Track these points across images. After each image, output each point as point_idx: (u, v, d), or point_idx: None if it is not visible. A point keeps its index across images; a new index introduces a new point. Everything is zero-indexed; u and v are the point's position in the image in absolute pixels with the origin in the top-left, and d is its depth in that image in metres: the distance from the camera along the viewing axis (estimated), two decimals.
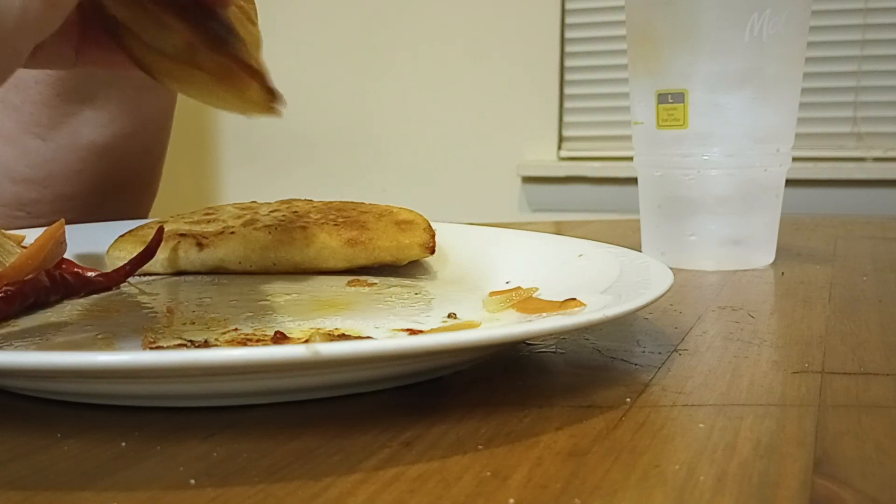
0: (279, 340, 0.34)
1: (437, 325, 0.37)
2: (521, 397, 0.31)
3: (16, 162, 0.62)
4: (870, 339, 0.39)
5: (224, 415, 0.29)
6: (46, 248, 0.42)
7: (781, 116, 0.57)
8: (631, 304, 0.33)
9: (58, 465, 0.26)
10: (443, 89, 2.12)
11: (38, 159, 0.62)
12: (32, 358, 0.26)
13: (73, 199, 0.63)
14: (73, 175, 0.62)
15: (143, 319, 0.40)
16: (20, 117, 0.61)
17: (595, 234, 0.61)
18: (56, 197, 0.63)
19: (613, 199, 1.96)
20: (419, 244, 0.49)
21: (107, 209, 0.64)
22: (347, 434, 0.28)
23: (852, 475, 0.25)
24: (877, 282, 0.53)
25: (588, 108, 2.06)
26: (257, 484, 0.24)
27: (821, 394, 0.32)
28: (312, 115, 2.17)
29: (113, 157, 0.63)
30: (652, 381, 0.33)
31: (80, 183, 0.63)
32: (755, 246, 0.58)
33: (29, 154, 0.62)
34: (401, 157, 2.16)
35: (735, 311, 0.45)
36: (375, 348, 0.26)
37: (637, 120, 0.59)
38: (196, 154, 2.25)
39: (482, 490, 0.24)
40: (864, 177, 1.87)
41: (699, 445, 0.27)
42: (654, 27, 0.56)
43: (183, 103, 0.65)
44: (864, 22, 1.86)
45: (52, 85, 0.59)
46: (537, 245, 0.49)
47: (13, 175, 0.62)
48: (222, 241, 0.50)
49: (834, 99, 1.88)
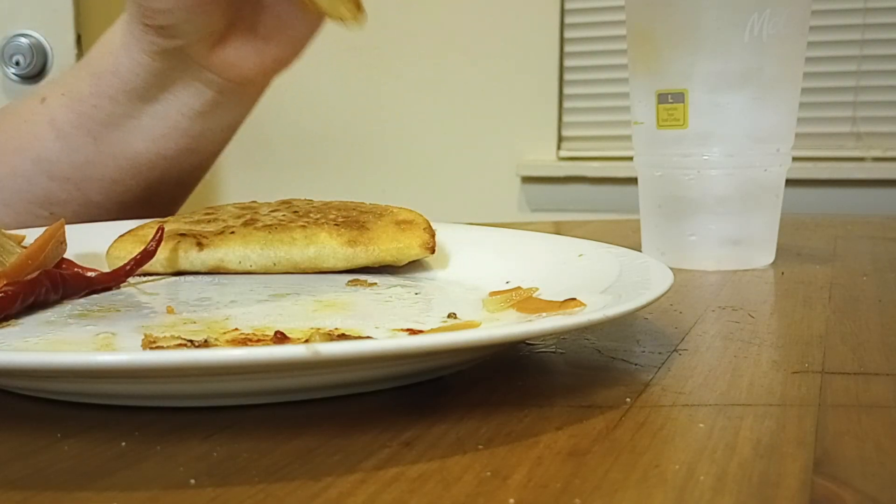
0: (279, 340, 0.34)
1: (437, 325, 0.37)
2: (521, 397, 0.31)
3: (60, 158, 0.62)
4: (870, 339, 0.39)
5: (224, 415, 0.29)
6: (46, 248, 0.42)
7: (781, 116, 0.57)
8: (631, 304, 0.33)
9: (58, 465, 0.26)
10: (442, 89, 2.11)
11: (83, 159, 0.62)
12: (32, 358, 0.26)
13: (99, 208, 0.64)
14: (108, 183, 0.63)
15: (143, 319, 0.40)
16: (82, 109, 0.61)
17: (595, 234, 0.61)
18: (85, 201, 0.63)
19: (613, 199, 1.96)
20: (419, 244, 0.49)
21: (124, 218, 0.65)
22: (347, 434, 0.28)
23: (852, 475, 0.25)
24: (877, 282, 0.53)
25: (587, 108, 2.06)
26: (257, 484, 0.24)
27: (821, 394, 0.32)
28: (312, 115, 2.17)
29: (150, 176, 0.63)
30: (652, 381, 0.33)
31: (111, 193, 0.63)
32: (755, 246, 0.58)
33: (76, 152, 0.62)
34: (400, 157, 2.16)
35: (735, 311, 0.45)
36: (375, 348, 0.26)
37: (637, 120, 0.59)
38: None
39: (482, 490, 0.24)
40: (863, 176, 1.87)
41: (699, 445, 0.27)
42: (654, 27, 0.56)
43: None
44: (864, 22, 1.86)
45: (124, 79, 0.60)
46: (537, 245, 0.49)
47: (53, 171, 0.62)
48: (222, 240, 0.50)
49: (833, 99, 1.88)
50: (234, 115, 0.65)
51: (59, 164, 0.62)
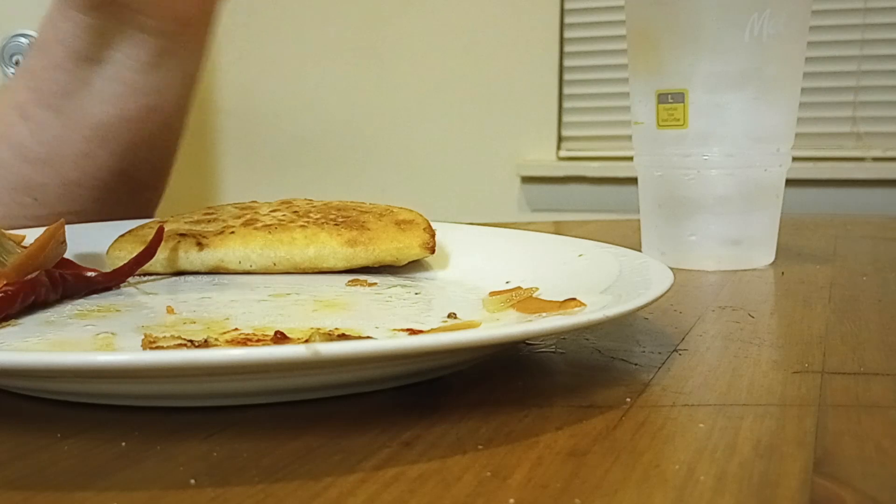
0: (279, 340, 0.34)
1: (437, 325, 0.37)
2: (521, 397, 0.31)
3: (30, 139, 0.63)
4: (870, 339, 0.39)
5: (224, 415, 0.29)
6: (46, 248, 0.42)
7: (781, 116, 0.57)
8: (631, 304, 0.33)
9: (58, 465, 0.26)
10: (442, 89, 2.11)
11: (50, 136, 0.63)
12: (32, 358, 0.26)
13: (80, 187, 0.64)
14: (80, 158, 0.63)
15: (143, 319, 0.40)
16: (38, 85, 0.62)
17: (595, 234, 0.61)
18: (62, 181, 0.63)
19: (613, 199, 1.96)
20: (419, 244, 0.49)
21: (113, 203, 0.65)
22: (347, 434, 0.28)
23: (852, 475, 0.25)
24: (877, 282, 0.53)
25: (587, 107, 2.06)
26: (257, 484, 0.24)
27: (821, 394, 0.32)
28: (312, 115, 2.17)
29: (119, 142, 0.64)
30: (652, 381, 0.33)
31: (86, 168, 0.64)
32: (755, 246, 0.58)
33: (42, 130, 0.63)
34: (400, 157, 2.15)
35: (735, 311, 0.45)
36: (375, 348, 0.26)
37: (637, 120, 0.59)
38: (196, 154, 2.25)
39: (482, 490, 0.24)
40: (863, 176, 1.87)
41: (699, 445, 0.27)
42: (654, 27, 0.56)
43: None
44: (864, 22, 1.86)
45: (67, 45, 0.61)
46: (537, 245, 0.49)
47: (25, 153, 0.63)
48: (222, 240, 0.50)
49: (833, 99, 1.88)
50: (186, 64, 0.65)
51: (31, 146, 0.63)
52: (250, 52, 2.16)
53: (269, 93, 2.18)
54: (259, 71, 2.17)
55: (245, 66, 2.17)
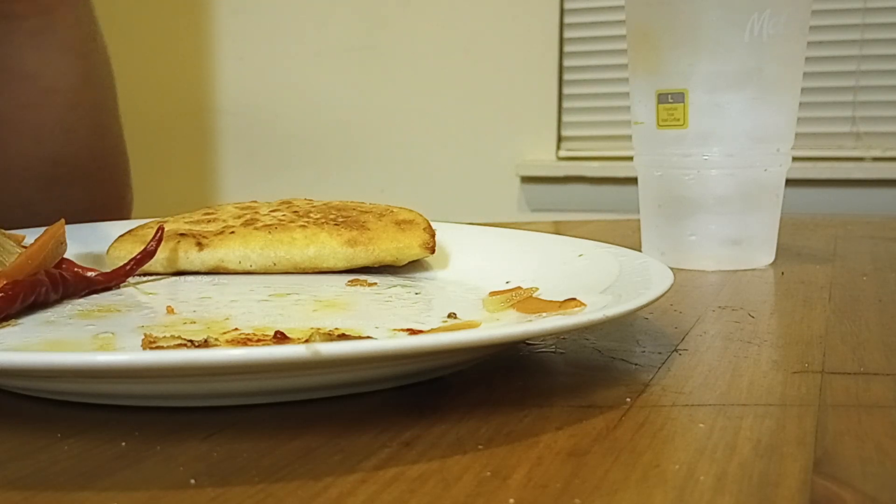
0: (279, 340, 0.34)
1: (437, 325, 0.37)
2: (521, 397, 0.31)
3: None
4: (870, 339, 0.39)
5: (224, 415, 0.29)
6: (46, 248, 0.42)
7: (781, 116, 0.57)
8: (631, 304, 0.33)
9: (58, 465, 0.26)
10: (442, 89, 2.11)
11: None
12: (32, 358, 0.26)
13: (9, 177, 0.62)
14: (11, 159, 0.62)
15: (143, 319, 0.40)
16: None
17: (595, 234, 0.61)
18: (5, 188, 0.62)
19: (613, 198, 1.96)
20: (419, 244, 0.49)
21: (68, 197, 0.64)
22: (347, 434, 0.28)
23: (852, 475, 0.25)
24: (877, 282, 0.53)
25: (587, 107, 2.05)
26: (257, 484, 0.24)
27: (821, 394, 0.32)
28: (312, 114, 2.17)
29: (28, 127, 0.62)
30: (652, 381, 0.33)
31: (4, 157, 0.62)
32: (755, 246, 0.58)
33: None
34: (400, 157, 2.15)
35: (735, 311, 0.45)
36: (375, 348, 0.26)
37: (637, 120, 0.59)
38: (196, 154, 2.25)
39: (482, 490, 0.24)
40: (863, 176, 1.86)
41: (699, 445, 0.27)
42: (654, 27, 0.56)
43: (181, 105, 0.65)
44: (864, 22, 1.86)
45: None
46: (537, 245, 0.49)
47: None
48: (222, 240, 0.50)
49: (833, 99, 1.88)
50: (68, 40, 0.63)
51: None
52: (250, 52, 2.16)
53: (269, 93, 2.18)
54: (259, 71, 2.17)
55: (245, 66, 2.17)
